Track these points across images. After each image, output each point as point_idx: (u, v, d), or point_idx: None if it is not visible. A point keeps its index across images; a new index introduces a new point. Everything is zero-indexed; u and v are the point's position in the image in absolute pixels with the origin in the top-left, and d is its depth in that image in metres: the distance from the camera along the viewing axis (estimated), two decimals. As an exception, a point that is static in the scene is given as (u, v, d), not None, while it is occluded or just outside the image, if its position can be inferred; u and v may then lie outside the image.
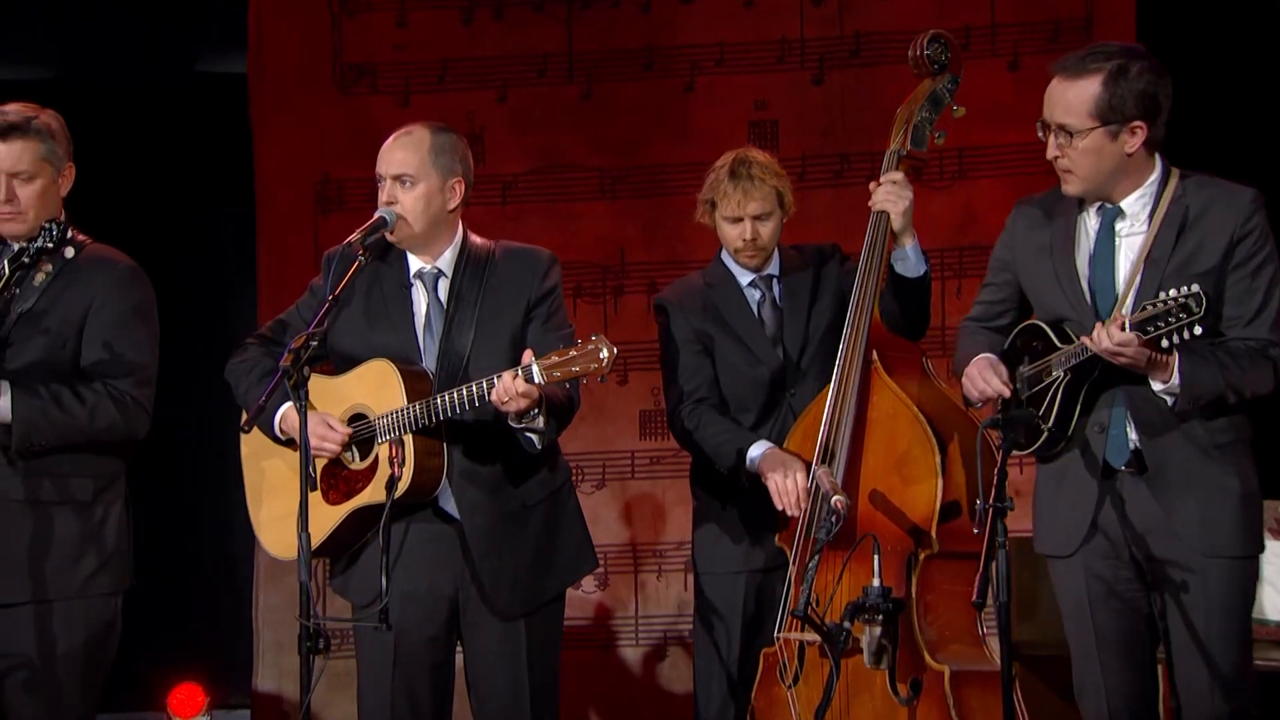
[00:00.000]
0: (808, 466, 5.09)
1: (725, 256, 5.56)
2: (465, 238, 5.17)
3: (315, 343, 4.64)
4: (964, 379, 4.75)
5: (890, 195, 5.16)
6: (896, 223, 5.15)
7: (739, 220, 5.41)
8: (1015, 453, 4.61)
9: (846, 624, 4.64)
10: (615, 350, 4.63)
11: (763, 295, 5.50)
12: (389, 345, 5.03)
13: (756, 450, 5.23)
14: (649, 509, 7.74)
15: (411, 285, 5.11)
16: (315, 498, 4.89)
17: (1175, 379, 4.44)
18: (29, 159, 4.98)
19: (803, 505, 5.04)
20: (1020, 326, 4.80)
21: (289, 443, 5.12)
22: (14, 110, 5.03)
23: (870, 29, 7.65)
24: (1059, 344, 4.59)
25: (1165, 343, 4.35)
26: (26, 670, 4.91)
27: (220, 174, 8.19)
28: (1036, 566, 6.21)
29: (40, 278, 4.89)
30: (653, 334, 7.41)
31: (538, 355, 4.72)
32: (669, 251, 7.71)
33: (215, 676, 7.80)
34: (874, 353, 5.07)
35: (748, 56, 7.74)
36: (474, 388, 4.78)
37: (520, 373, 4.68)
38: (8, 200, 4.97)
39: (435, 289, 5.09)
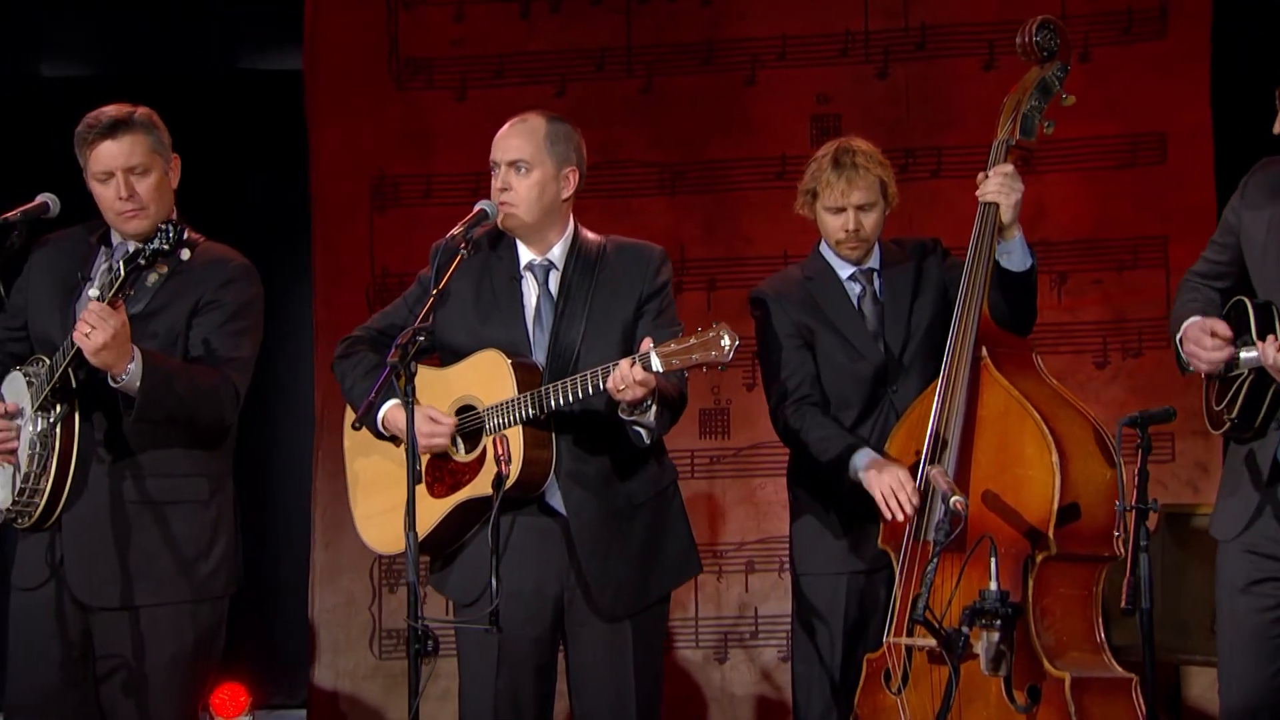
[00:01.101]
0: (913, 471, 4.97)
1: (824, 249, 5.44)
2: (576, 231, 5.07)
3: (422, 337, 4.51)
4: (1183, 343, 4.56)
5: (1002, 187, 5.00)
6: (1006, 215, 5.00)
7: (841, 210, 5.29)
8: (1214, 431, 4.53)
9: (965, 629, 4.52)
10: (738, 339, 4.48)
11: (863, 289, 5.37)
12: (499, 338, 4.92)
13: (861, 458, 5.10)
14: (708, 509, 7.64)
15: (522, 277, 5.00)
16: (420, 490, 4.76)
17: None
18: (140, 152, 4.90)
19: (909, 510, 4.91)
20: (1232, 301, 4.61)
21: (393, 439, 5.01)
22: (113, 108, 4.92)
23: (936, 21, 7.54)
24: (1255, 335, 4.41)
25: None
26: (129, 673, 4.84)
27: (271, 171, 8.10)
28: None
29: (153, 278, 4.75)
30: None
31: (655, 345, 4.60)
32: (729, 248, 7.64)
33: (258, 677, 7.69)
34: (983, 349, 4.94)
35: (810, 49, 7.63)
36: (588, 376, 4.65)
37: (638, 360, 4.55)
38: (128, 197, 4.89)
39: (546, 282, 4.99)
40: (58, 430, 4.81)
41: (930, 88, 7.53)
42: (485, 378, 4.86)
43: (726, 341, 4.47)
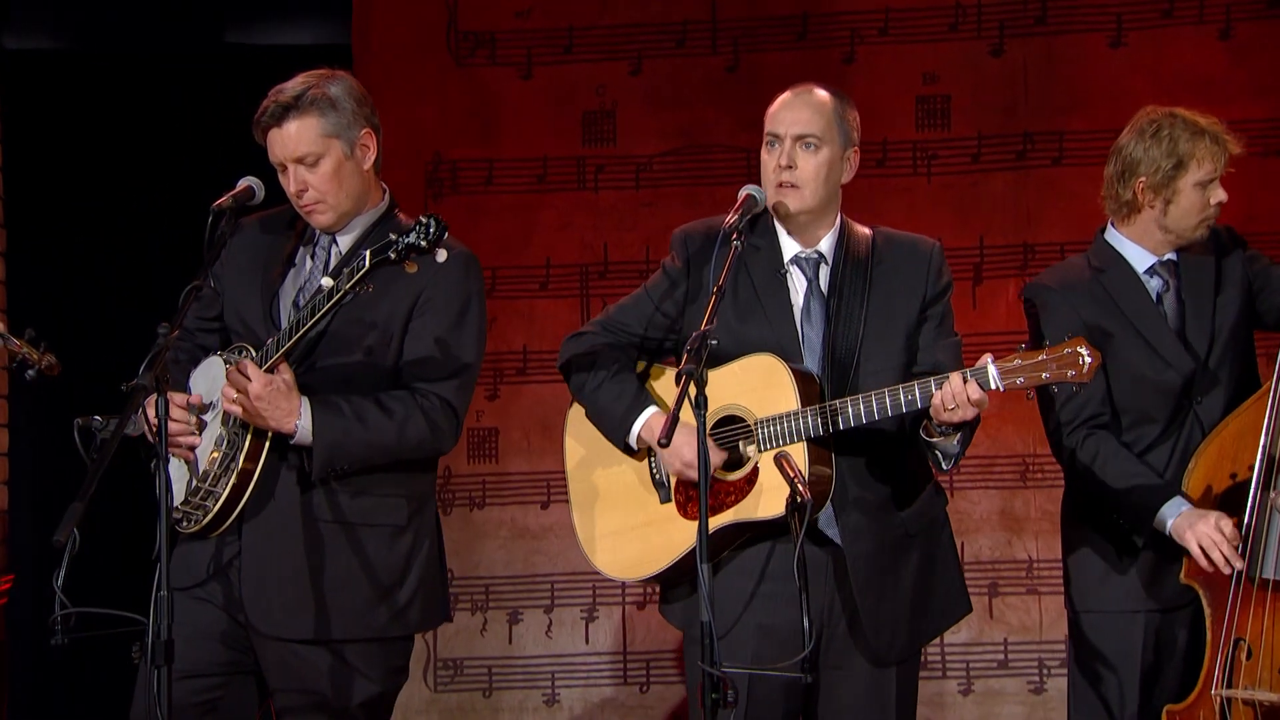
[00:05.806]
0: (1229, 497, 4.53)
1: (1113, 236, 4.89)
2: (844, 220, 4.65)
3: (714, 341, 4.08)
4: None
5: None
6: None
7: (1212, 182, 4.75)
8: None
9: (1320, 688, 3.92)
10: (1099, 355, 4.06)
11: (1164, 284, 4.86)
12: (763, 338, 4.49)
13: (1172, 509, 4.62)
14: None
15: (787, 271, 4.56)
16: (669, 510, 4.49)
17: None
18: (308, 139, 4.43)
19: (1237, 565, 4.50)
20: None
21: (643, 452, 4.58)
22: (290, 86, 4.47)
23: (1058, -8, 7.24)
24: None
25: None
26: (311, 714, 4.45)
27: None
28: None
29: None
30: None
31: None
32: (824, 242, 7.09)
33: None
34: (1321, 355, 4.42)
35: (916, 24, 7.24)
36: (904, 393, 4.24)
37: (972, 376, 4.14)
38: (299, 192, 4.47)
39: (816, 277, 4.55)
40: (249, 429, 4.37)
41: (1051, 67, 7.15)
42: (758, 386, 4.42)
43: (1086, 359, 4.10)
